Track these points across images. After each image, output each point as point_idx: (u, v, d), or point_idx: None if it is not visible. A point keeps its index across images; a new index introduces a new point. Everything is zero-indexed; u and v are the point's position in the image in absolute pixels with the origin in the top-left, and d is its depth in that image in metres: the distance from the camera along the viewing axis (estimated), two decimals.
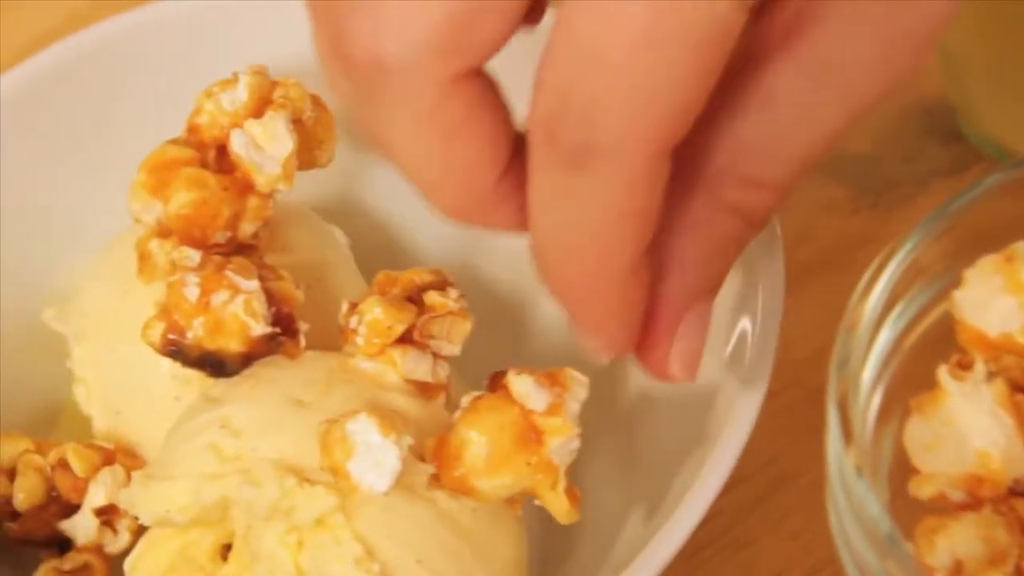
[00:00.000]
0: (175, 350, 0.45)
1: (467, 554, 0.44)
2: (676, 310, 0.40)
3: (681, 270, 0.39)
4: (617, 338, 0.39)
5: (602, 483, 0.47)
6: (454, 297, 0.46)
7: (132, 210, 0.48)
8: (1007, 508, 0.41)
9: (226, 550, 0.46)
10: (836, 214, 0.59)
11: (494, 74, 0.37)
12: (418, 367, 0.45)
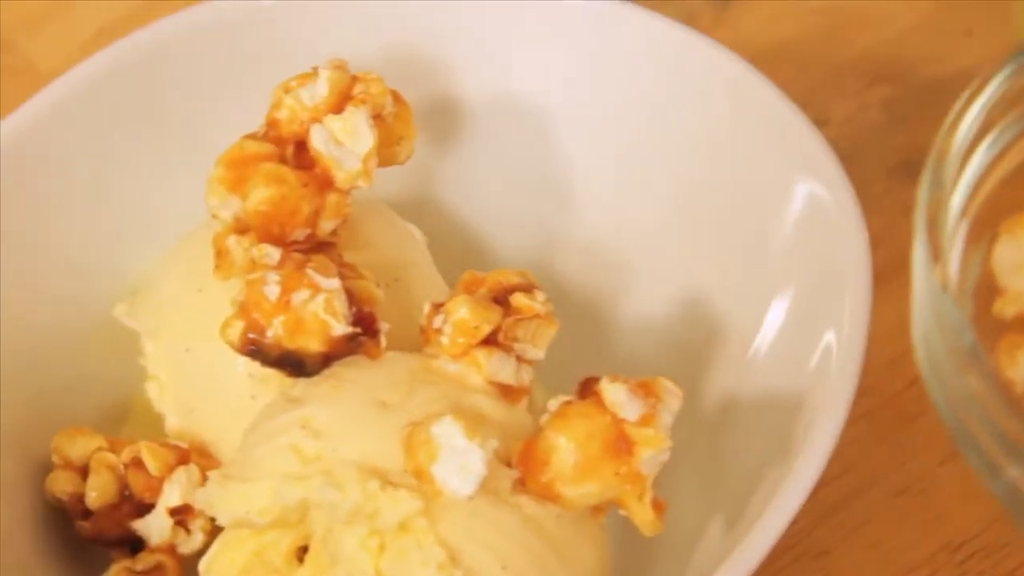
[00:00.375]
0: (255, 349, 0.45)
1: (552, 561, 0.43)
2: None
3: None
4: None
5: (683, 494, 0.47)
6: (541, 300, 0.45)
7: (209, 205, 0.47)
8: None
9: (302, 552, 0.45)
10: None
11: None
12: (503, 369, 0.45)
